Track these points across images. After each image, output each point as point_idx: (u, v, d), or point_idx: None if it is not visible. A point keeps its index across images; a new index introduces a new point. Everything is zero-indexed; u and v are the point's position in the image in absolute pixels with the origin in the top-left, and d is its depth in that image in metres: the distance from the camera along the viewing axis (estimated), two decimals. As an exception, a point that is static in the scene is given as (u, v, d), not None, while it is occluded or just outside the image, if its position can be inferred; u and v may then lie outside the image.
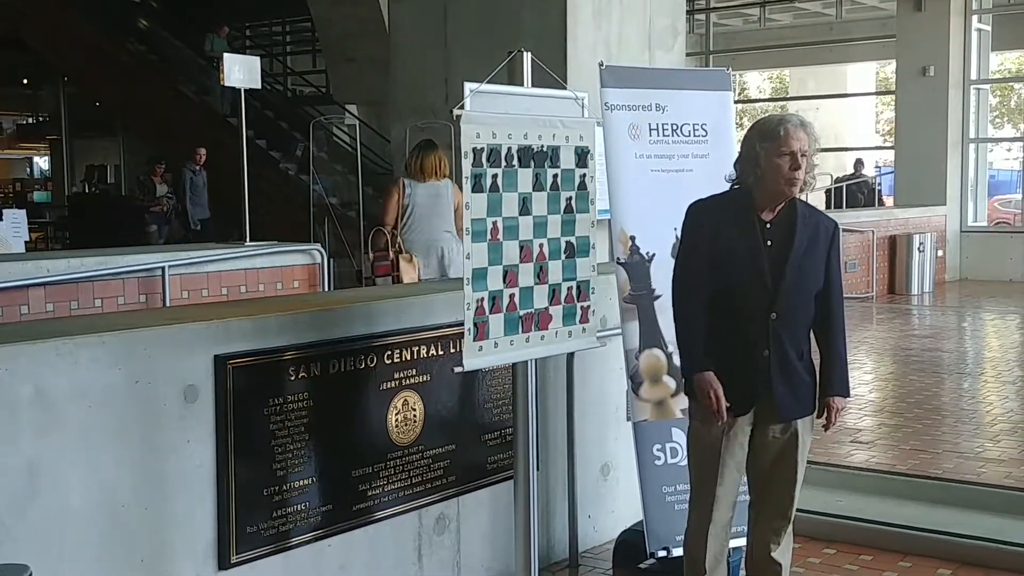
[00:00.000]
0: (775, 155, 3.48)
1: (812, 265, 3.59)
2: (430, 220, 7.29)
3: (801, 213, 3.59)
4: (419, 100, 8.59)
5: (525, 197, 3.54)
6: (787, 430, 3.65)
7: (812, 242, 3.59)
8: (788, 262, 3.52)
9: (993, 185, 20.45)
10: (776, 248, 3.55)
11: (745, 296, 3.54)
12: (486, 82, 3.50)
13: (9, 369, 2.95)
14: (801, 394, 3.64)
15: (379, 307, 4.06)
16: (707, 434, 3.66)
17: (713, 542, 3.72)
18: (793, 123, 3.53)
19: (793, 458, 3.66)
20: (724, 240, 3.56)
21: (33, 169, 35.92)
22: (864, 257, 14.44)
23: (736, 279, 3.55)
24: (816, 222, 3.64)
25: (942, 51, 16.19)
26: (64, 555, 3.08)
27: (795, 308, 3.58)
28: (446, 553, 4.29)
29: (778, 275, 3.52)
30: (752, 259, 3.53)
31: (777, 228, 3.57)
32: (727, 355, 3.61)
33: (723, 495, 3.68)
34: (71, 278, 6.50)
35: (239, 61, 7.97)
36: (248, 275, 7.54)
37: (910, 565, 4.75)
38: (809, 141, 3.53)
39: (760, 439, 3.67)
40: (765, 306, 3.53)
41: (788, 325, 3.57)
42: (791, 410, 3.62)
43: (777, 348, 3.55)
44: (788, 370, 3.58)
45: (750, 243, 3.54)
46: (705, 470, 3.69)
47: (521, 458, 3.77)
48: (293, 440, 3.67)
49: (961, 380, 8.88)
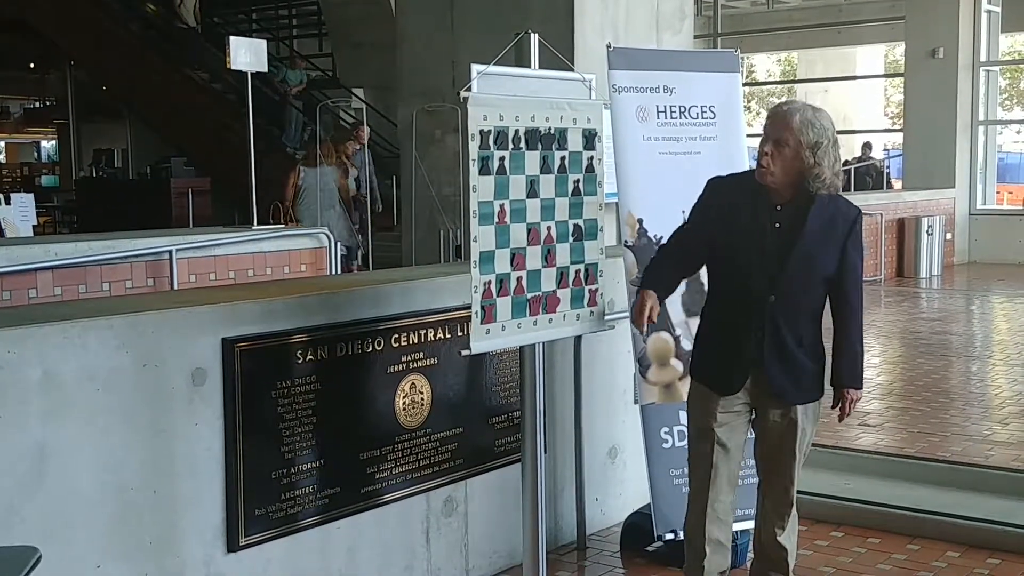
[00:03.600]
0: (762, 142, 3.48)
1: (825, 252, 3.53)
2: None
3: (819, 200, 3.51)
4: (426, 83, 8.58)
5: (533, 180, 3.53)
6: (786, 416, 3.62)
7: (827, 229, 3.53)
8: (795, 246, 3.49)
9: (1001, 169, 20.35)
10: (785, 231, 3.51)
11: (745, 276, 3.52)
12: (493, 64, 3.49)
13: (18, 352, 2.96)
14: (802, 380, 3.60)
15: (386, 290, 4.06)
16: (702, 417, 3.66)
17: (712, 526, 3.71)
18: (778, 111, 3.49)
19: (791, 445, 3.64)
20: (732, 216, 3.54)
21: (40, 153, 35.96)
22: (872, 240, 14.39)
23: (740, 258, 3.53)
24: (835, 210, 3.56)
25: (951, 33, 16.10)
26: (73, 537, 3.09)
27: (797, 293, 3.53)
28: (454, 536, 4.30)
29: (783, 258, 3.49)
30: (757, 239, 3.51)
31: (788, 212, 3.52)
32: (720, 332, 3.61)
33: (718, 478, 3.66)
34: (79, 262, 6.51)
35: (245, 44, 7.94)
36: (255, 259, 7.54)
37: (918, 548, 4.74)
38: (795, 132, 3.41)
39: (761, 423, 3.67)
40: (765, 288, 3.50)
41: (787, 309, 3.53)
42: (789, 395, 3.59)
43: (773, 331, 3.52)
44: (785, 354, 3.54)
45: (757, 223, 3.52)
46: (699, 453, 3.69)
47: (529, 441, 3.77)
48: (301, 423, 3.67)
49: (969, 363, 8.86)
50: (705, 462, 3.66)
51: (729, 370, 3.60)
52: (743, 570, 4.16)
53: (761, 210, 3.53)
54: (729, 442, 3.65)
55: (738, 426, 3.66)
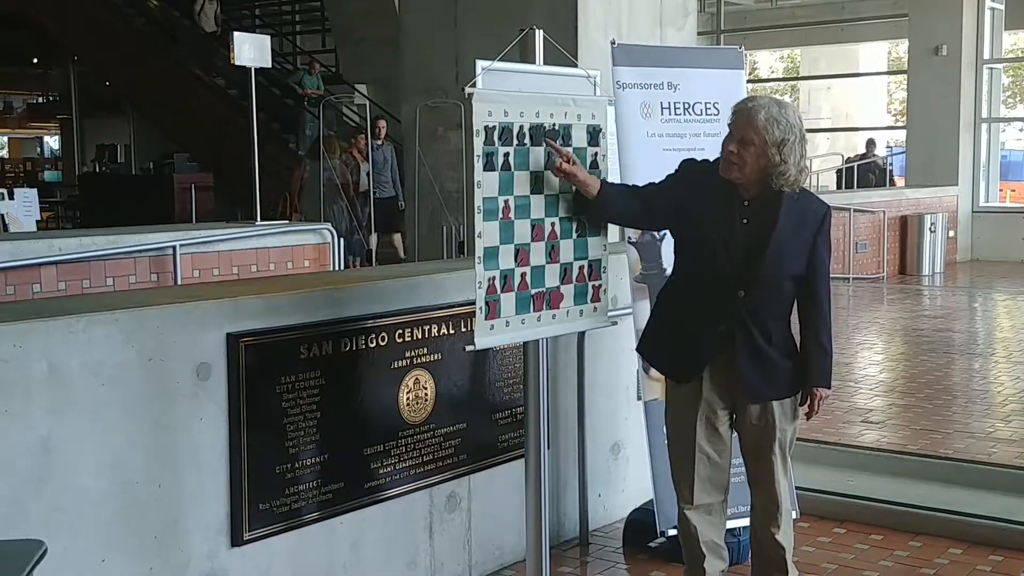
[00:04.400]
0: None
1: (795, 248, 3.49)
2: None
3: (787, 196, 3.46)
4: (429, 80, 8.58)
5: (537, 175, 3.53)
6: (763, 416, 3.59)
7: (798, 226, 3.49)
8: (767, 243, 3.44)
9: (1004, 166, 20.32)
10: (753, 227, 3.47)
11: (711, 266, 3.49)
12: (497, 60, 3.49)
13: (22, 347, 2.96)
14: (775, 376, 3.56)
15: (390, 286, 4.06)
16: (680, 417, 3.65)
17: (704, 527, 3.69)
18: (742, 108, 3.45)
19: (770, 446, 3.60)
20: (701, 198, 3.51)
21: (43, 148, 35.95)
22: (875, 237, 14.40)
23: (705, 246, 3.49)
24: (805, 206, 3.52)
25: (955, 30, 16.07)
26: (78, 531, 3.10)
27: (767, 289, 3.49)
28: (457, 531, 4.30)
29: (753, 255, 3.44)
30: (725, 231, 3.47)
31: (756, 207, 3.49)
32: (684, 321, 3.60)
33: (699, 479, 3.64)
34: (83, 257, 6.52)
35: (249, 40, 7.95)
36: (259, 254, 7.55)
37: (920, 545, 4.75)
38: (760, 130, 3.37)
39: (740, 423, 3.65)
40: (733, 283, 3.47)
41: (757, 305, 3.50)
42: (760, 391, 3.56)
43: (742, 327, 3.50)
44: (755, 350, 3.51)
45: (726, 214, 3.49)
46: (679, 455, 3.68)
47: (532, 437, 3.77)
48: (305, 418, 3.68)
49: (972, 360, 8.85)
50: (686, 464, 3.64)
51: (682, 358, 3.60)
52: (746, 566, 4.16)
53: (729, 202, 3.50)
54: (707, 443, 3.62)
55: (715, 426, 3.63)
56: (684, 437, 3.65)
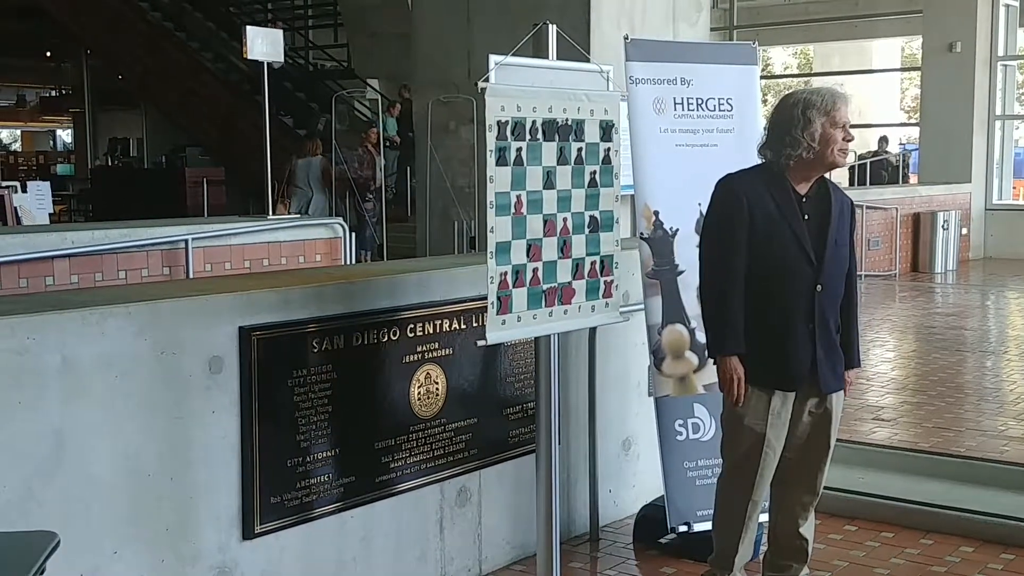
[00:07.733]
0: (831, 126, 3.52)
1: (844, 239, 3.66)
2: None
3: (832, 188, 3.66)
4: (441, 74, 8.59)
5: (549, 171, 3.53)
6: (822, 404, 3.68)
7: (841, 217, 3.65)
8: (828, 235, 3.58)
9: (1018, 164, 20.23)
10: (814, 222, 3.59)
11: (793, 270, 3.56)
12: (511, 54, 3.48)
13: (36, 339, 2.97)
14: (838, 368, 3.69)
15: (402, 280, 4.06)
16: (749, 415, 3.64)
17: (751, 524, 3.75)
18: (843, 97, 3.59)
19: (827, 433, 3.70)
20: (763, 214, 3.56)
21: (56, 142, 36.09)
22: (887, 235, 14.35)
23: (781, 253, 3.55)
24: (841, 198, 3.70)
25: (969, 27, 16.00)
26: (91, 523, 3.11)
27: (835, 280, 3.63)
28: (467, 526, 4.31)
29: (820, 248, 3.57)
30: (795, 233, 3.56)
31: (812, 202, 3.61)
32: (775, 331, 3.60)
33: (763, 481, 3.70)
34: (96, 250, 6.54)
35: (262, 34, 7.95)
36: (271, 248, 7.57)
37: (932, 542, 4.74)
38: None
39: (797, 414, 3.67)
40: (812, 280, 3.56)
41: (830, 298, 3.62)
42: (830, 384, 3.66)
43: (821, 322, 3.59)
44: (829, 343, 3.63)
45: (791, 217, 3.56)
46: (746, 453, 3.68)
47: (543, 432, 3.77)
48: (316, 412, 3.69)
49: (984, 358, 8.82)
50: (753, 464, 3.67)
51: (795, 367, 3.61)
52: (756, 563, 4.16)
53: (790, 203, 3.58)
54: (777, 441, 3.67)
55: (784, 423, 3.68)
56: (753, 436, 3.65)
